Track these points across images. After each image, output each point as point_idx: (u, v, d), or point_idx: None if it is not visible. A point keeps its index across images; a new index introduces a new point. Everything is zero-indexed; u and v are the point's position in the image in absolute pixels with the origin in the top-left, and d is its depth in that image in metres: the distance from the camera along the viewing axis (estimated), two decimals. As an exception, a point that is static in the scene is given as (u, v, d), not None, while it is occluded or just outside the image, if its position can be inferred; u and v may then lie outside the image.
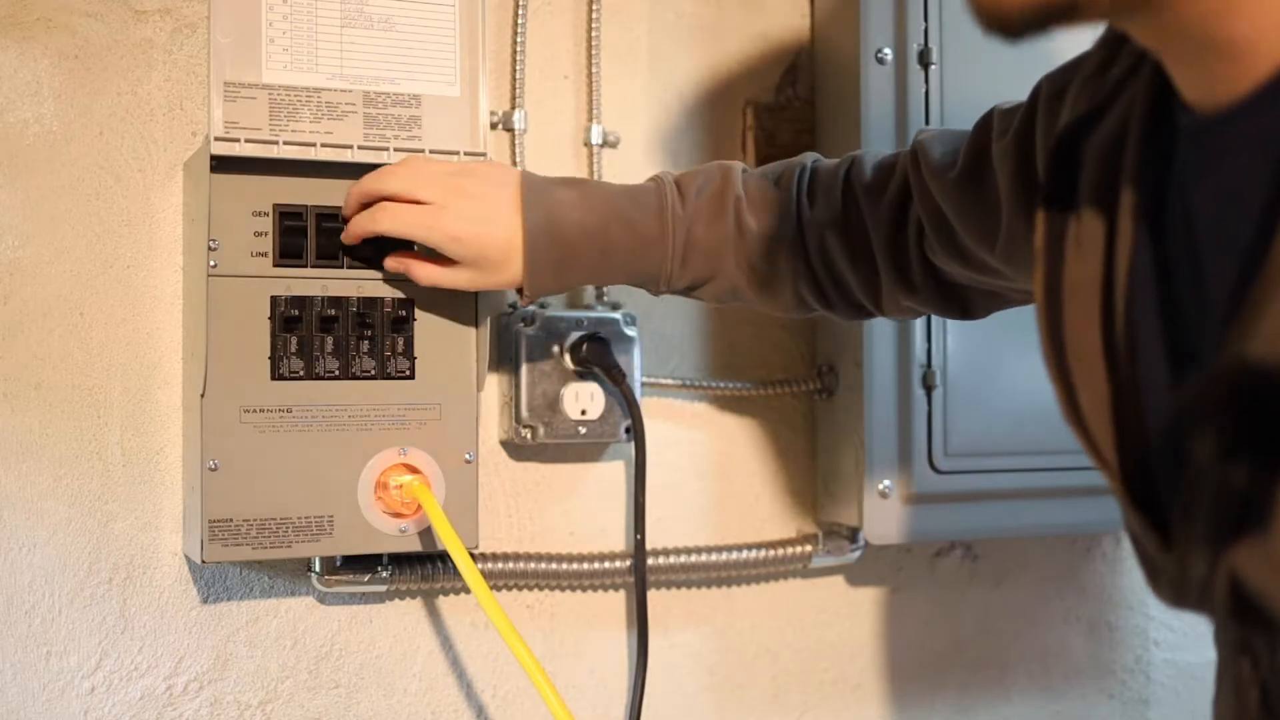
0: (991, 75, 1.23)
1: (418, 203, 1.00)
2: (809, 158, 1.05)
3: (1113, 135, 0.68)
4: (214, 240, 1.03)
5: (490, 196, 1.00)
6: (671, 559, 1.27)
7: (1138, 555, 0.67)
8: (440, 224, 1.00)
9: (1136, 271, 0.65)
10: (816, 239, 1.01)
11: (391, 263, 1.05)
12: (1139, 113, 0.66)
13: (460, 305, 1.10)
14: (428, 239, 1.01)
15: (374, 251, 1.06)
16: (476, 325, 1.10)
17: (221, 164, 1.02)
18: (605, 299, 1.26)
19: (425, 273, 1.03)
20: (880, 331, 1.24)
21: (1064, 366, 0.69)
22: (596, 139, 1.27)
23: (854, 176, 1.01)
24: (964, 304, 1.00)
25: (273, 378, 1.04)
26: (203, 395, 1.02)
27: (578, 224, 1.00)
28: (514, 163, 1.23)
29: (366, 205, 1.03)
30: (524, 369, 1.20)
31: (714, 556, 1.28)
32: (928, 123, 1.24)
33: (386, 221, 1.01)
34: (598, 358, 1.20)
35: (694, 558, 1.28)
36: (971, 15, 0.57)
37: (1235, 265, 0.57)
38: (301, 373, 1.05)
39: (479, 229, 0.99)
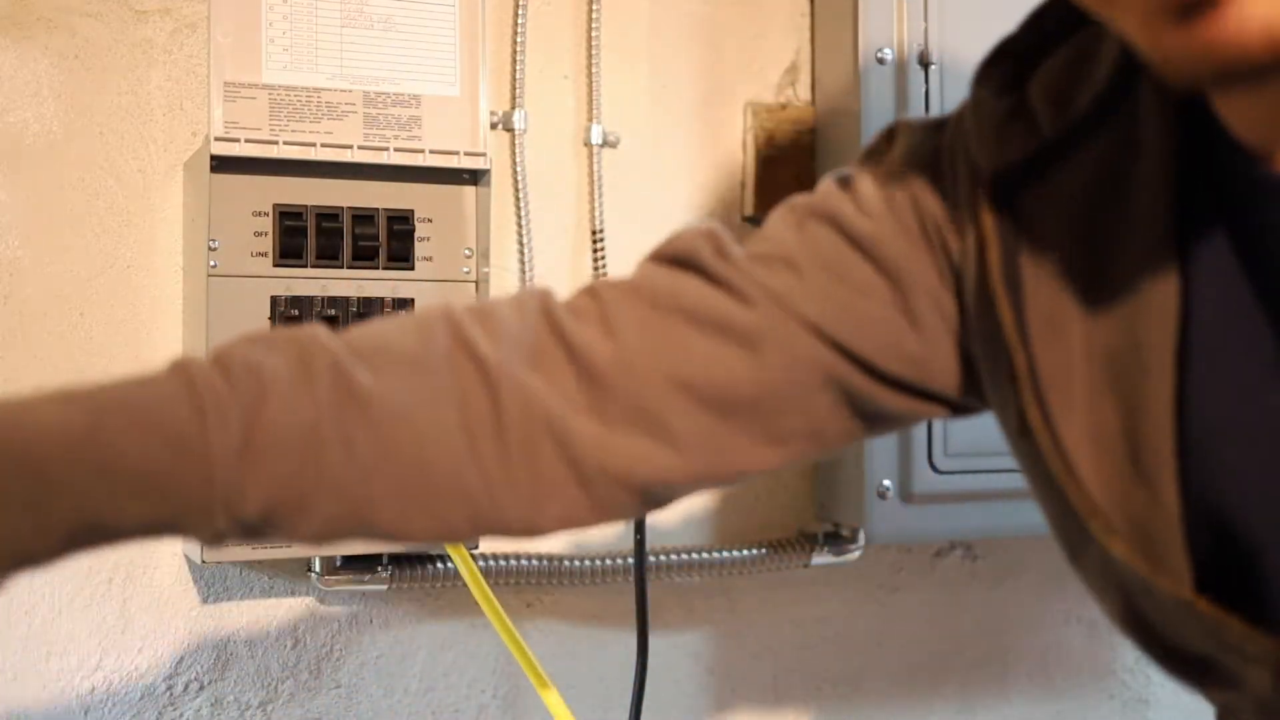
0: (991, 75, 1.23)
1: None
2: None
3: (1100, 183, 0.59)
4: (214, 240, 1.03)
5: None
6: (671, 559, 1.27)
7: (1206, 644, 0.57)
8: None
9: (1198, 342, 0.55)
10: None
11: None
12: (1158, 159, 0.57)
13: (460, 305, 1.10)
14: None
15: None
16: (476, 325, 1.10)
17: (221, 164, 1.02)
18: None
19: None
20: (880, 331, 1.24)
21: (1063, 456, 0.59)
22: (596, 139, 1.27)
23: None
24: None
25: (273, 378, 1.04)
26: (203, 395, 1.02)
27: (49, 427, 0.59)
28: (514, 163, 1.23)
29: None
30: (524, 369, 1.20)
31: (714, 556, 1.28)
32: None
33: None
34: (598, 358, 1.20)
35: (694, 558, 1.28)
36: (1174, 70, 0.48)
37: None
38: (301, 373, 1.05)
39: None
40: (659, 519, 1.28)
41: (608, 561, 1.24)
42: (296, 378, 0.62)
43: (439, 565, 1.17)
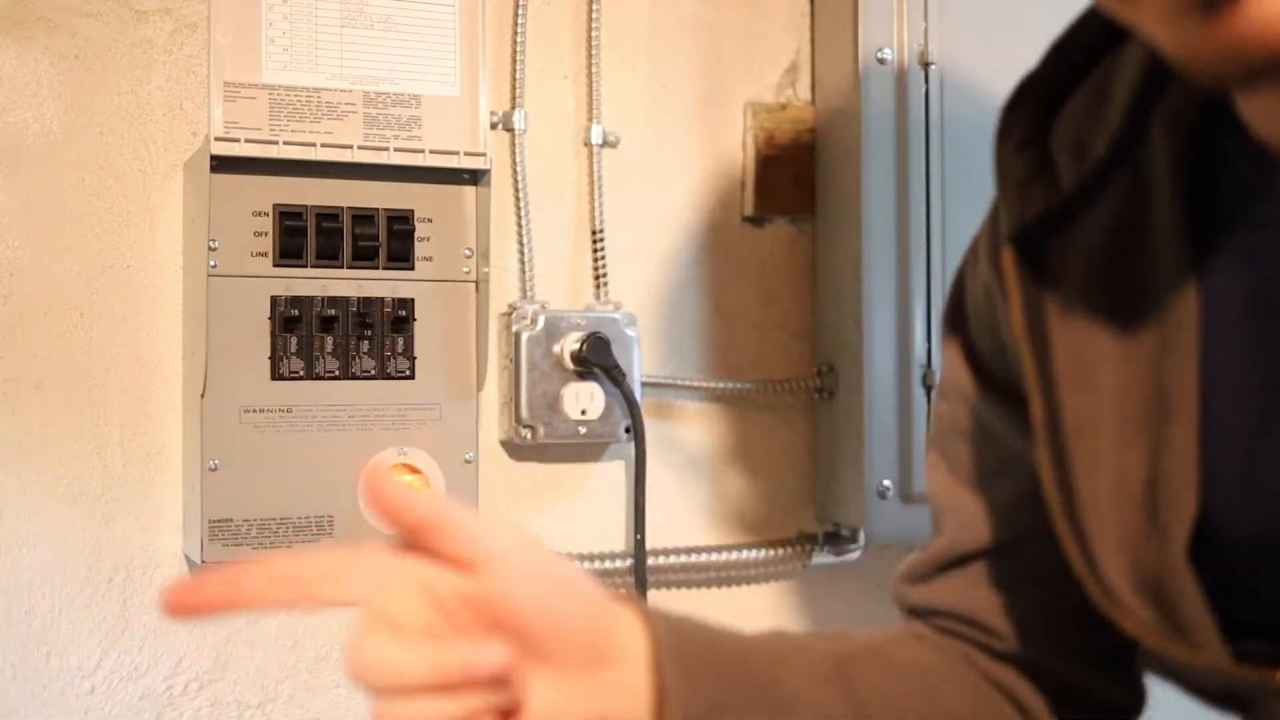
0: (991, 76, 1.23)
1: None
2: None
3: (1115, 232, 0.60)
4: (214, 240, 1.03)
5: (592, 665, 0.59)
6: (671, 559, 1.27)
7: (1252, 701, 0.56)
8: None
9: (1219, 385, 0.55)
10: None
11: None
12: (1175, 201, 0.57)
13: (460, 305, 1.10)
14: None
15: None
16: (476, 325, 1.10)
17: (221, 164, 1.02)
18: (605, 299, 1.26)
19: None
20: (880, 331, 1.24)
21: (1074, 518, 0.58)
22: (596, 139, 1.27)
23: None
24: None
25: (273, 378, 1.04)
26: (203, 395, 1.02)
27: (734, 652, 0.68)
28: (514, 163, 1.23)
29: None
30: (524, 369, 1.20)
31: (714, 556, 1.28)
32: (928, 123, 1.24)
33: None
34: (598, 358, 1.20)
35: (694, 558, 1.28)
36: (1212, 58, 0.48)
37: None
38: (301, 373, 1.05)
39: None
40: (659, 519, 1.28)
41: (608, 562, 1.24)
42: None
43: (439, 565, 1.17)
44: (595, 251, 1.26)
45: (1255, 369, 0.55)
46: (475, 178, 1.11)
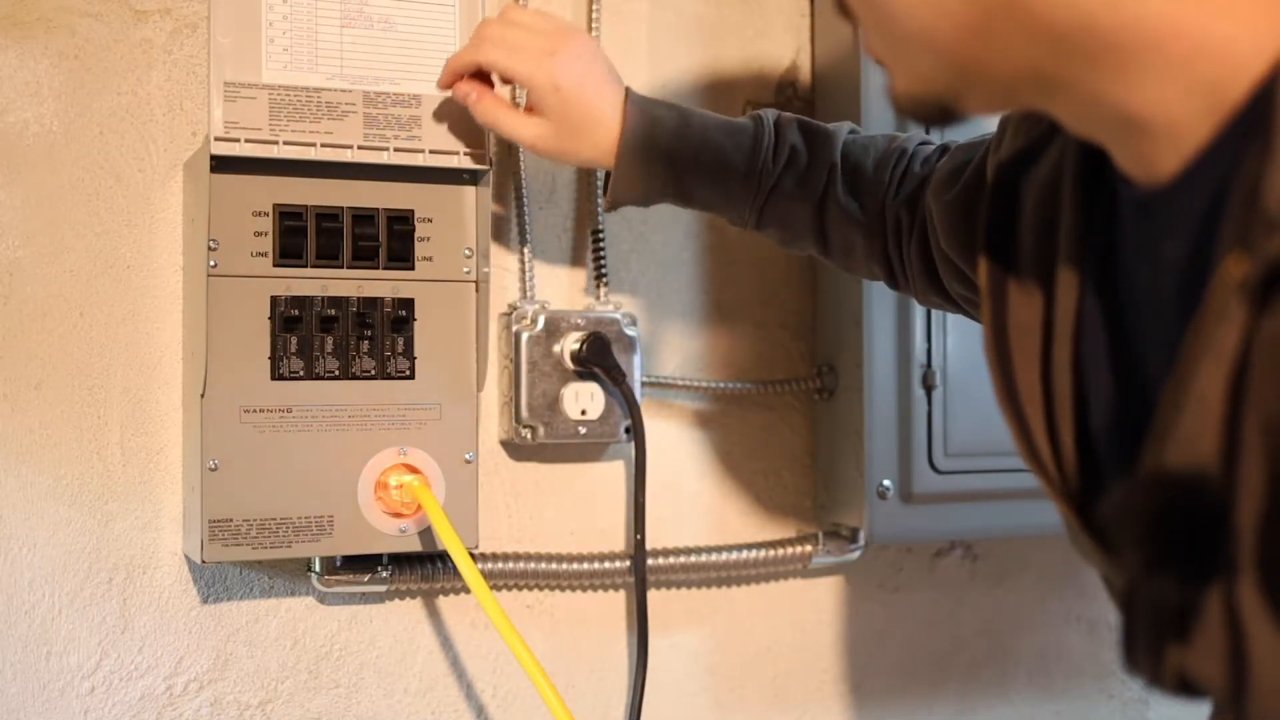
0: (991, 75, 1.23)
1: (511, 81, 1.03)
2: (913, 140, 1.01)
3: (1049, 176, 0.68)
4: (214, 240, 1.03)
5: (599, 72, 1.01)
6: (671, 559, 1.27)
7: (1099, 572, 0.67)
8: (548, 67, 0.99)
9: (1084, 324, 0.65)
10: (894, 223, 0.98)
11: (461, 89, 1.04)
12: (1071, 170, 0.66)
13: (460, 305, 1.10)
14: (530, 78, 1.00)
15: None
16: (476, 325, 1.10)
17: (221, 164, 1.02)
18: (605, 299, 1.26)
19: (493, 109, 1.03)
20: (880, 331, 1.24)
21: (1016, 405, 0.69)
22: (596, 139, 1.26)
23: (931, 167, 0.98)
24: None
25: (273, 378, 1.04)
26: (203, 395, 1.02)
27: (672, 148, 1.00)
28: (514, 163, 1.23)
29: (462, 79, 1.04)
30: (524, 369, 1.20)
31: (714, 556, 1.28)
32: (927, 125, 1.24)
33: (492, 52, 1.00)
34: (598, 358, 1.20)
35: (694, 558, 1.28)
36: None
37: (1169, 349, 0.55)
38: (301, 373, 1.05)
39: (580, 90, 0.99)
40: (659, 519, 1.28)
41: (608, 562, 1.24)
42: (802, 180, 1.00)
43: (439, 565, 1.17)
44: (595, 251, 1.26)
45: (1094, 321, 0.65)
46: (475, 178, 1.11)
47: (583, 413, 1.21)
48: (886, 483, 1.24)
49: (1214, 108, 0.52)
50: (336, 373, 1.06)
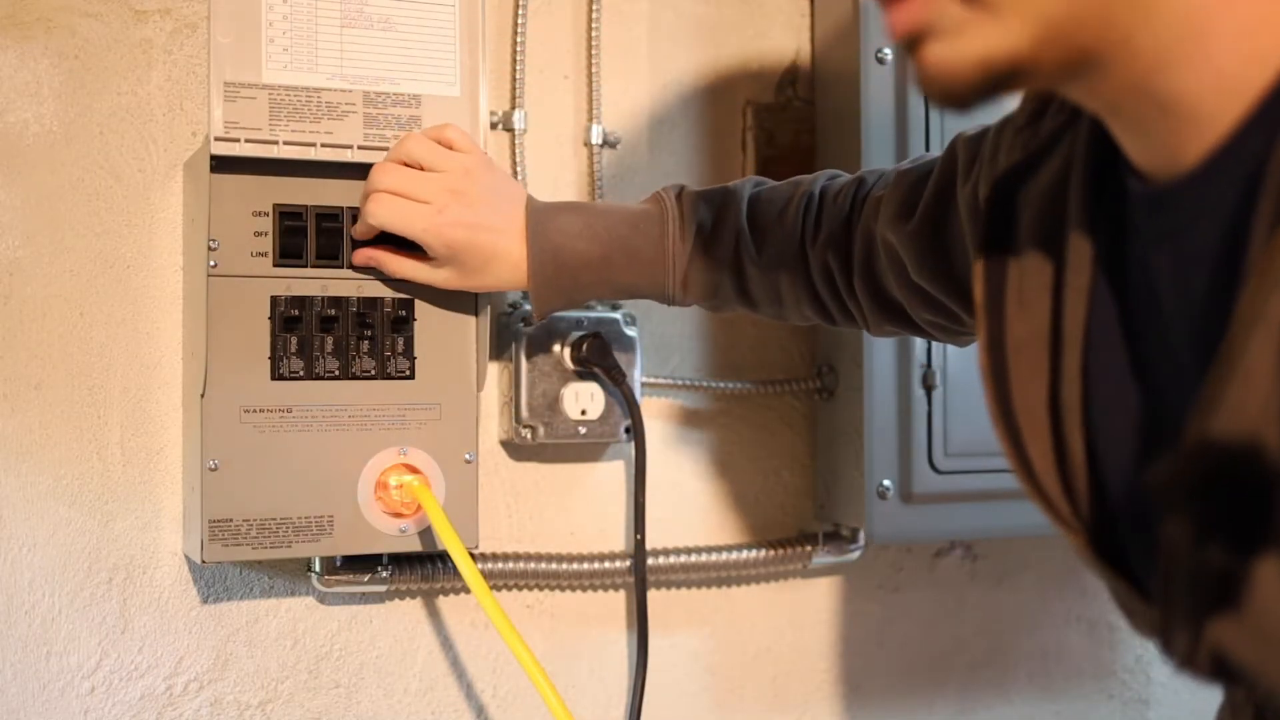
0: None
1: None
2: (818, 181, 1.03)
3: (1052, 186, 0.68)
4: (214, 240, 1.03)
5: (492, 209, 1.01)
6: (671, 559, 1.27)
7: (1112, 596, 0.67)
8: (437, 226, 1.00)
9: (1096, 329, 0.64)
10: (820, 265, 1.00)
11: (360, 257, 1.05)
12: (1080, 168, 0.66)
13: (460, 305, 1.10)
14: (423, 238, 1.01)
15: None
16: (476, 325, 1.10)
17: (221, 164, 1.02)
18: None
19: (398, 266, 1.04)
20: (880, 331, 1.24)
21: (1012, 425, 0.68)
22: (596, 139, 1.27)
23: (856, 202, 0.99)
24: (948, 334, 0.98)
25: (273, 378, 1.04)
26: (203, 395, 1.02)
27: (581, 254, 1.02)
28: (514, 163, 1.24)
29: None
30: (524, 369, 1.20)
31: (714, 556, 1.28)
32: (927, 124, 1.24)
33: (382, 214, 1.01)
34: (598, 358, 1.20)
35: (694, 558, 1.28)
36: (922, 93, 0.58)
37: (1200, 338, 0.56)
38: (301, 373, 1.05)
39: (472, 239, 1.01)
40: (659, 519, 1.28)
41: (608, 562, 1.24)
42: (711, 249, 1.03)
43: (439, 565, 1.17)
44: (595, 251, 1.26)
45: (1110, 328, 0.64)
46: (475, 178, 1.11)
47: (583, 413, 1.21)
48: (886, 483, 1.24)
49: (1239, 94, 0.53)
50: (336, 373, 1.06)
